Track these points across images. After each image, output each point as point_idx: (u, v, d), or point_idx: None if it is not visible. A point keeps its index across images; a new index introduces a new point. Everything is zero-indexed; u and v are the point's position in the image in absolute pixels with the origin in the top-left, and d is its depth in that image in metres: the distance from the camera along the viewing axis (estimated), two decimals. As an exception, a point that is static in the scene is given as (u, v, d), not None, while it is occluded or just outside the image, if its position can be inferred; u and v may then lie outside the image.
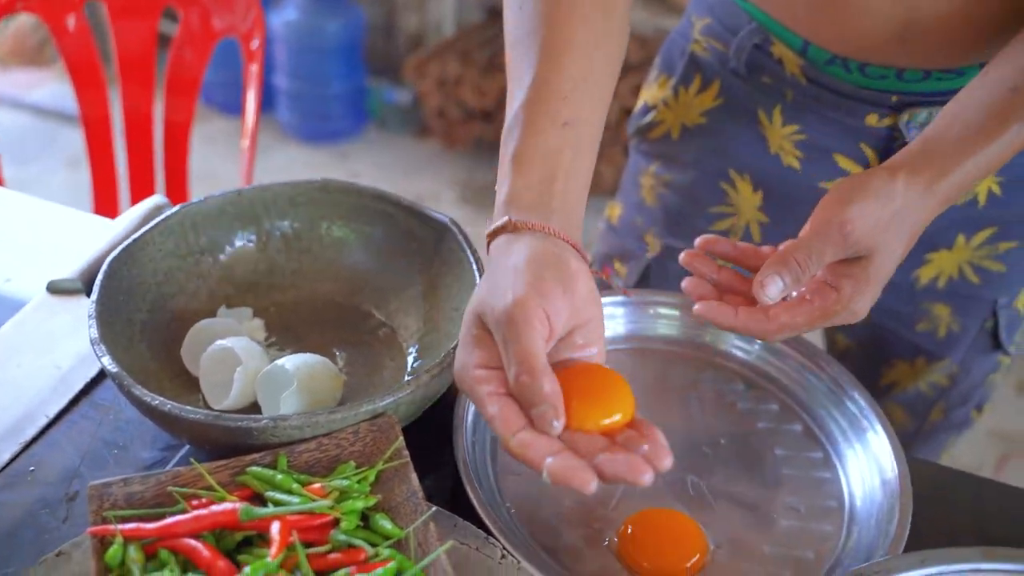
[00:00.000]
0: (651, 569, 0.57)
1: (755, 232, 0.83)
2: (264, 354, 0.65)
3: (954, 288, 0.81)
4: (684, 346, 0.73)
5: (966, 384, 0.88)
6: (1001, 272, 0.80)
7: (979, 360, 0.86)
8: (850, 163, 0.75)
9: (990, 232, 0.78)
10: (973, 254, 0.79)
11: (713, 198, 0.83)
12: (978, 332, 0.84)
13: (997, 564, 0.56)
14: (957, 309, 0.82)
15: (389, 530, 0.50)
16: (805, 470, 0.65)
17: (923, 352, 0.85)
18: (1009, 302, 0.83)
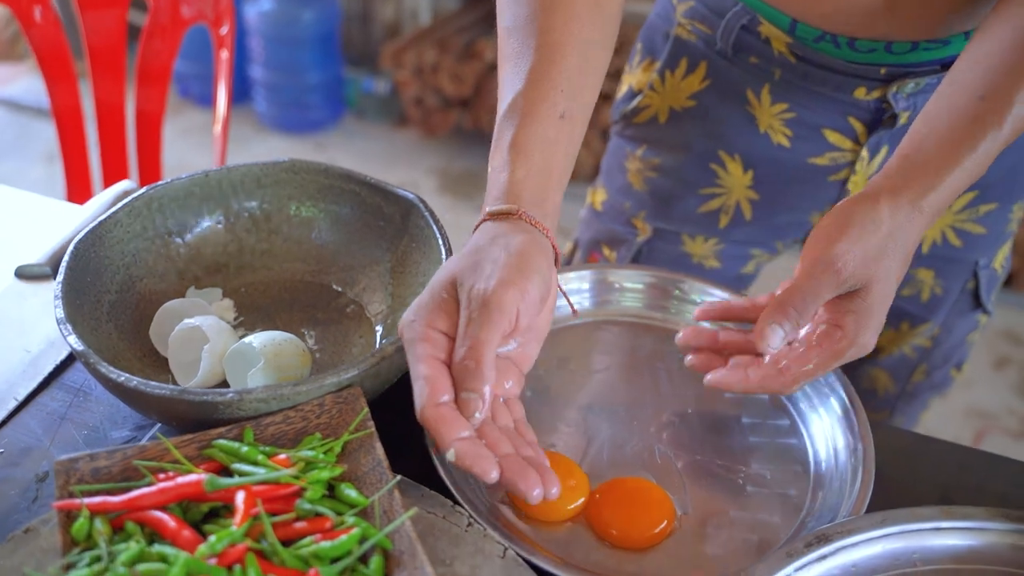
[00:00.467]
0: (619, 536, 0.58)
1: (746, 209, 0.84)
2: (232, 332, 0.65)
3: (937, 252, 0.83)
4: (651, 318, 0.74)
5: (948, 345, 0.90)
6: (982, 234, 0.82)
7: (960, 321, 0.88)
8: (839, 137, 0.76)
9: (971, 196, 0.79)
10: (955, 218, 0.81)
11: (703, 179, 0.83)
12: (960, 293, 0.86)
13: (956, 522, 0.57)
14: (940, 272, 0.84)
15: (354, 499, 0.50)
16: (772, 437, 0.66)
17: (907, 316, 0.87)
18: (988, 262, 0.85)
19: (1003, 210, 0.81)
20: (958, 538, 0.57)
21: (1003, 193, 0.80)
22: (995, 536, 0.57)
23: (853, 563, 0.55)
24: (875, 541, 0.56)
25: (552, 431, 0.65)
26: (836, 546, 0.55)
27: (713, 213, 0.84)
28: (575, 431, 0.65)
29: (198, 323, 0.63)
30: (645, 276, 0.74)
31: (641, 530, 0.59)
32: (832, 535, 0.55)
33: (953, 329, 0.88)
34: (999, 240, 0.84)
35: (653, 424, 0.66)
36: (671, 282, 0.74)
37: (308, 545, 0.47)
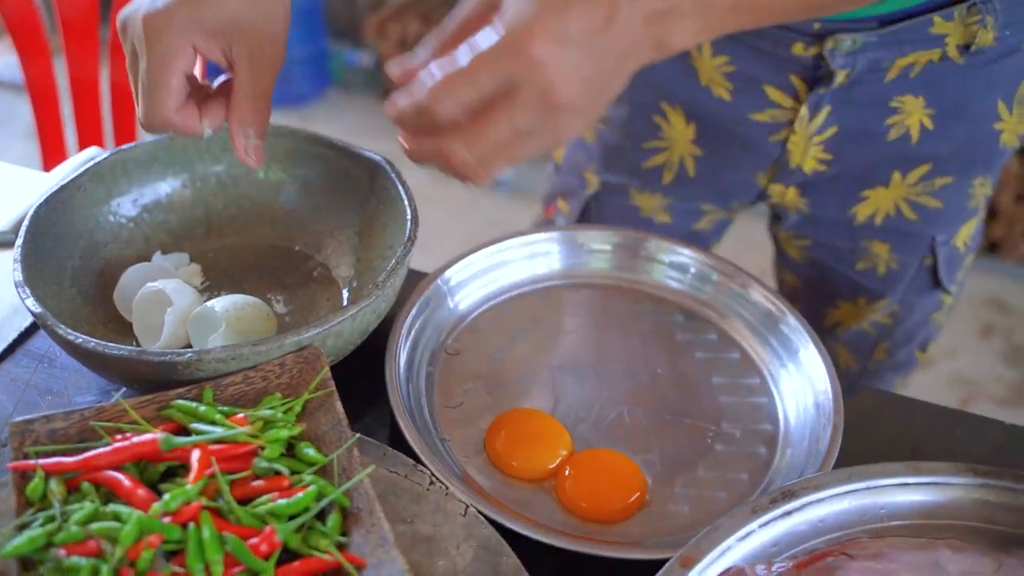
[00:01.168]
0: (589, 509, 0.58)
1: (690, 166, 0.83)
2: (197, 296, 0.64)
3: (891, 225, 0.81)
4: (622, 280, 0.73)
5: (909, 323, 0.88)
6: (938, 208, 0.80)
7: (920, 299, 0.87)
8: (779, 94, 0.75)
9: (926, 168, 0.78)
10: (909, 191, 0.79)
11: (647, 132, 0.83)
12: (917, 270, 0.84)
13: (922, 477, 0.57)
14: (895, 246, 0.83)
15: (313, 457, 0.50)
16: (742, 396, 0.66)
17: (864, 291, 0.86)
18: (947, 239, 0.83)
19: (961, 185, 0.79)
20: (925, 493, 0.57)
21: (958, 167, 0.78)
22: (962, 491, 0.57)
23: (820, 518, 0.55)
24: (841, 497, 0.56)
25: (519, 393, 0.64)
26: (802, 502, 0.55)
27: (657, 169, 0.84)
28: (543, 392, 0.65)
29: (161, 287, 0.62)
30: (613, 237, 0.73)
31: (612, 503, 0.58)
32: (798, 491, 0.55)
33: (914, 307, 0.87)
34: (959, 216, 0.82)
35: (622, 385, 0.65)
36: (638, 242, 0.73)
37: (265, 503, 0.47)
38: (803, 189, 0.81)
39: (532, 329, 0.69)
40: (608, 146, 0.85)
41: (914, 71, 0.72)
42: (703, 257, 0.72)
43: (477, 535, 0.50)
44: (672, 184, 0.84)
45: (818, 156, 0.77)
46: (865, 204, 0.80)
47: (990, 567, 0.53)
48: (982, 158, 0.79)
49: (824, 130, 0.75)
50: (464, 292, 0.69)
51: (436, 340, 0.66)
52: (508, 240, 0.70)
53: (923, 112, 0.74)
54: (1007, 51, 0.72)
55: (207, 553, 0.44)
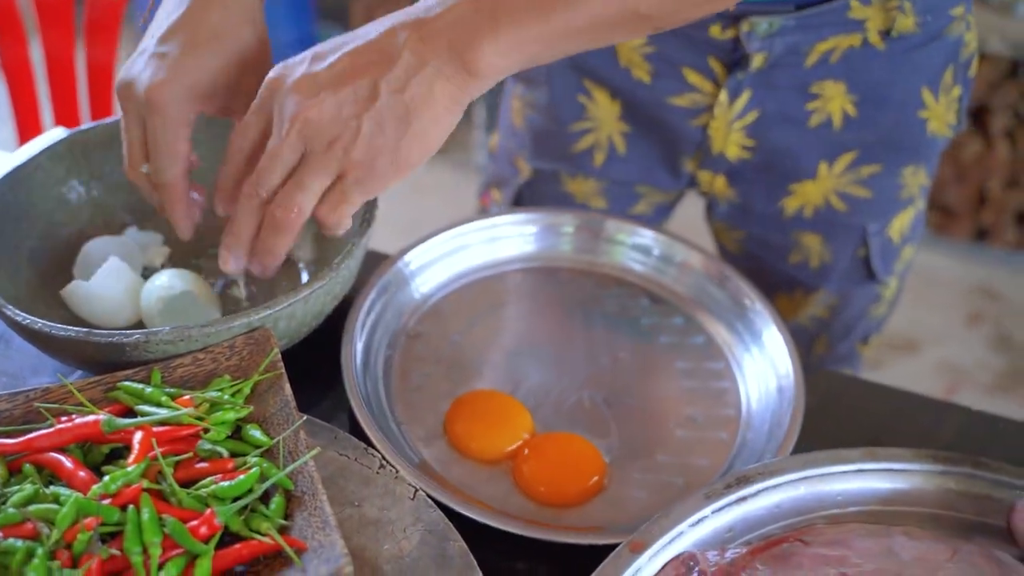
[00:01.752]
0: (547, 493, 0.57)
1: (619, 144, 0.82)
2: (132, 275, 0.63)
3: (821, 216, 0.80)
4: (587, 263, 0.72)
5: (847, 315, 0.87)
6: (867, 198, 0.79)
7: (856, 291, 0.85)
8: (698, 77, 0.74)
9: (851, 156, 0.77)
10: (837, 182, 0.78)
11: (573, 114, 0.81)
12: (851, 261, 0.83)
13: (880, 464, 0.56)
14: (827, 238, 0.82)
15: (258, 439, 0.49)
16: (705, 381, 0.65)
17: (799, 284, 0.85)
18: (880, 229, 0.81)
19: (889, 174, 0.78)
20: (884, 480, 0.56)
21: (885, 154, 0.77)
22: (922, 478, 0.56)
23: (776, 504, 0.55)
24: (798, 483, 0.55)
25: (480, 376, 0.64)
26: (757, 487, 0.54)
27: (587, 152, 0.82)
28: (504, 376, 0.64)
29: (113, 264, 0.62)
30: (576, 219, 0.73)
31: (568, 491, 0.58)
32: (753, 476, 0.54)
33: (851, 300, 0.85)
34: (891, 206, 0.81)
35: (584, 369, 0.65)
36: (601, 223, 0.72)
37: (208, 486, 0.46)
38: (731, 179, 0.80)
39: (494, 313, 0.68)
40: (537, 132, 0.84)
41: (834, 56, 0.71)
42: (667, 239, 0.71)
43: (425, 519, 0.50)
44: (604, 166, 0.83)
45: (740, 142, 0.77)
46: (793, 198, 0.79)
47: (945, 554, 0.52)
48: (909, 146, 0.77)
49: (744, 115, 0.75)
50: (425, 275, 0.68)
51: (396, 323, 0.66)
52: (468, 224, 0.70)
53: (845, 98, 0.73)
54: (929, 37, 0.72)
55: (145, 535, 0.43)
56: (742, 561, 0.52)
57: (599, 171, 0.83)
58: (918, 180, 0.81)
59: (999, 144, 1.84)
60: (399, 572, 0.48)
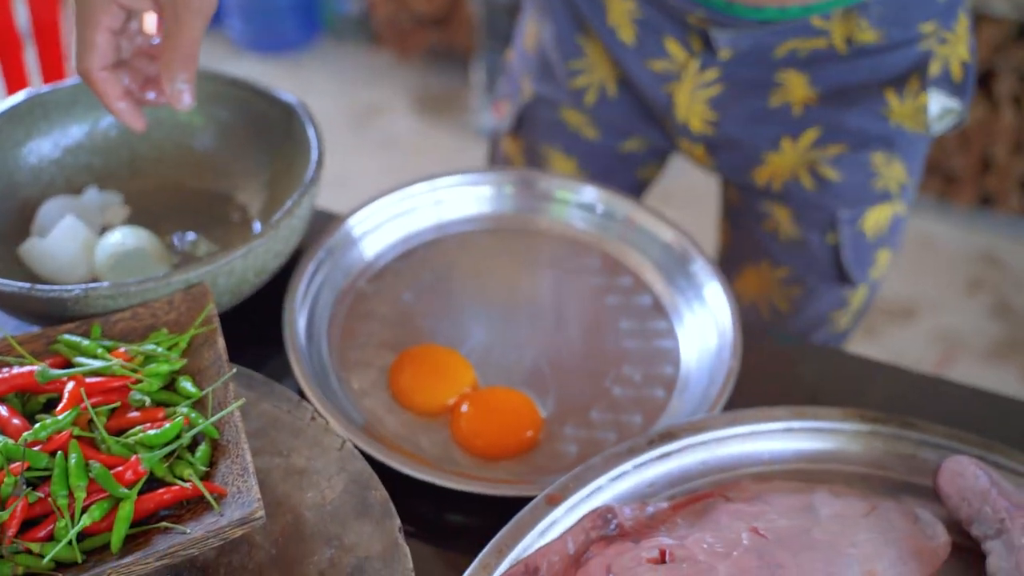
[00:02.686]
0: (482, 446, 0.59)
1: (611, 89, 0.83)
2: (87, 231, 0.65)
3: (790, 190, 0.81)
4: (537, 223, 0.73)
5: (808, 315, 0.85)
6: (837, 181, 0.78)
7: (823, 287, 0.84)
8: (678, 48, 0.75)
9: (814, 134, 0.77)
10: (804, 156, 0.78)
11: (572, 52, 0.83)
12: (820, 248, 0.82)
13: (808, 422, 0.57)
14: (796, 215, 0.81)
15: (189, 391, 0.51)
16: (647, 341, 0.66)
17: (767, 255, 0.85)
18: (852, 219, 0.80)
19: (858, 157, 0.77)
20: (811, 440, 0.57)
21: (849, 137, 0.77)
22: (848, 437, 0.57)
23: (701, 461, 0.56)
24: (724, 441, 0.56)
25: (424, 333, 0.65)
26: (682, 444, 0.55)
27: (581, 90, 0.84)
28: (449, 333, 0.65)
29: (68, 223, 0.64)
30: (525, 178, 0.73)
31: (502, 444, 0.59)
32: (678, 433, 0.55)
33: (814, 295, 0.84)
34: (863, 195, 0.79)
35: (528, 328, 0.66)
36: (550, 183, 0.73)
37: (136, 434, 0.48)
38: (708, 149, 0.82)
39: (443, 273, 0.69)
40: (543, 59, 0.86)
41: (801, 53, 0.73)
42: (618, 199, 0.72)
43: (350, 469, 0.51)
44: (596, 106, 0.84)
45: (702, 115, 0.78)
46: (763, 167, 0.80)
47: (863, 510, 0.53)
48: (876, 134, 0.77)
49: (710, 87, 0.76)
50: (373, 237, 0.69)
51: (344, 283, 0.67)
52: (416, 186, 0.70)
53: (807, 89, 0.75)
54: (892, 46, 0.73)
55: (72, 480, 0.45)
56: (662, 515, 0.53)
57: (591, 109, 0.85)
58: (893, 173, 0.79)
59: (1004, 109, 1.81)
60: (320, 518, 0.49)
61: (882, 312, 1.80)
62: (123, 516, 0.45)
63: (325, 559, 0.48)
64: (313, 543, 0.48)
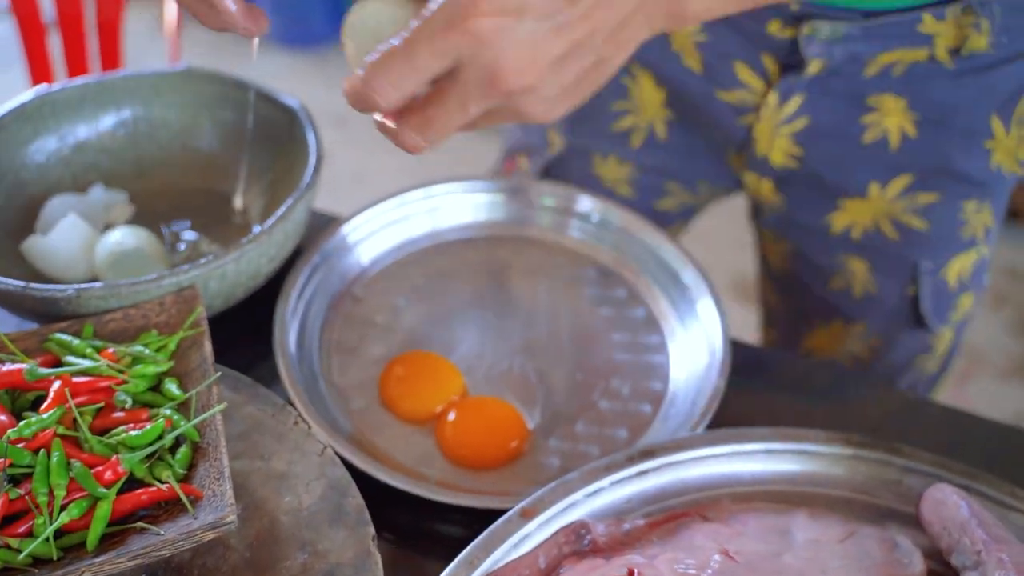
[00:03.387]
0: (466, 455, 0.59)
1: (660, 129, 0.78)
2: (89, 231, 0.66)
3: (870, 241, 0.75)
4: (535, 232, 0.73)
5: (890, 361, 0.80)
6: (922, 230, 0.73)
7: (902, 334, 0.79)
8: (749, 73, 0.70)
9: (907, 180, 0.71)
10: (890, 206, 0.73)
11: (614, 93, 0.78)
12: (899, 299, 0.77)
13: (790, 444, 0.57)
14: (874, 267, 0.76)
15: (173, 393, 0.52)
16: (638, 355, 0.66)
17: (839, 314, 0.79)
18: (935, 270, 0.75)
19: (949, 206, 0.72)
20: (793, 462, 0.57)
21: (944, 183, 0.71)
22: (832, 461, 0.57)
23: (680, 479, 0.56)
24: (704, 460, 0.56)
25: (417, 340, 0.66)
26: (660, 462, 0.55)
27: (625, 133, 0.80)
28: (440, 340, 0.66)
29: (70, 220, 0.65)
30: (515, 188, 0.73)
31: (486, 454, 0.59)
32: (657, 451, 0.55)
33: (894, 343, 0.78)
34: (949, 245, 0.74)
35: (519, 337, 0.66)
36: (552, 194, 0.73)
37: (119, 434, 0.49)
38: (778, 184, 0.76)
39: (437, 280, 0.70)
40: None
41: (897, 69, 0.66)
42: (613, 210, 0.72)
43: (329, 475, 0.52)
44: (642, 150, 0.79)
45: (786, 149, 0.72)
46: (842, 213, 0.74)
47: (839, 535, 0.53)
48: (973, 178, 0.71)
49: (793, 120, 0.70)
50: (369, 243, 0.70)
51: (338, 287, 0.68)
52: (412, 192, 0.71)
53: (904, 115, 0.69)
54: (1004, 59, 0.66)
55: (52, 477, 0.47)
56: (638, 532, 0.53)
57: (635, 154, 0.80)
58: (982, 219, 0.74)
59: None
60: (295, 523, 0.50)
61: (901, 325, 1.77)
62: (100, 515, 0.46)
63: (298, 564, 0.48)
64: (287, 547, 0.49)
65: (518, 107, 0.43)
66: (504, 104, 0.43)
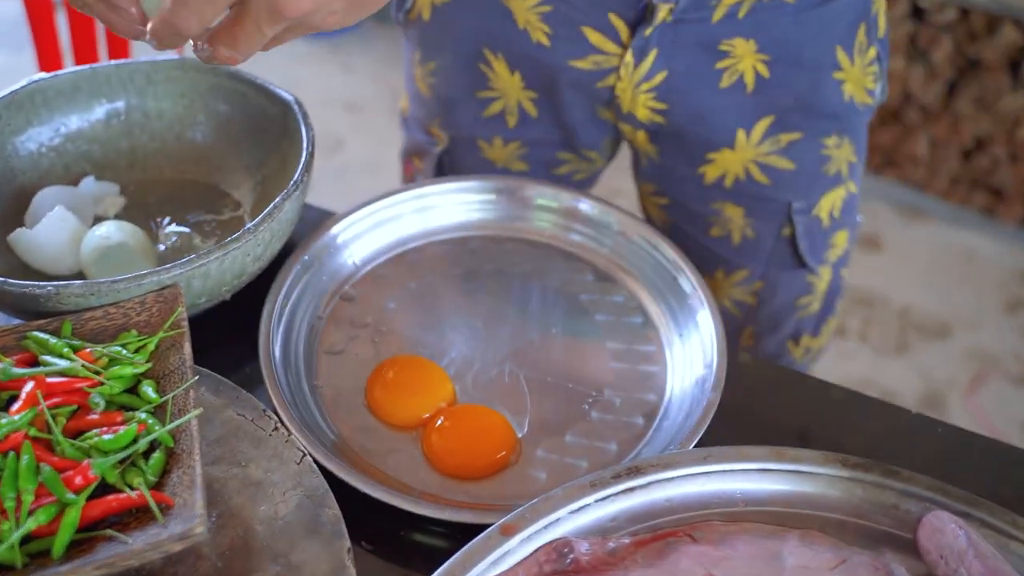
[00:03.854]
0: (453, 465, 0.58)
1: (530, 109, 0.79)
2: (76, 224, 0.65)
3: (742, 188, 0.77)
4: (531, 234, 0.72)
5: (774, 305, 0.83)
6: (790, 170, 0.75)
7: (784, 276, 0.81)
8: (600, 37, 0.70)
9: (768, 121, 0.73)
10: (757, 151, 0.75)
11: (476, 82, 0.78)
12: (776, 241, 0.79)
13: (786, 464, 0.55)
14: (750, 211, 0.78)
15: (150, 396, 0.51)
16: (634, 363, 0.64)
17: (721, 261, 0.82)
18: (807, 208, 0.78)
19: (811, 143, 0.74)
20: (788, 482, 0.55)
21: (803, 120, 0.73)
22: (828, 482, 0.55)
23: (667, 498, 0.54)
24: (695, 478, 0.54)
25: (406, 344, 0.64)
26: (648, 479, 0.53)
27: (498, 116, 0.80)
28: (430, 344, 0.64)
29: (56, 214, 0.64)
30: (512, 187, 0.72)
31: (472, 465, 0.58)
32: (645, 468, 0.54)
33: (777, 286, 0.81)
34: (817, 182, 0.77)
35: (510, 343, 0.65)
36: (548, 193, 0.71)
37: (92, 438, 0.48)
38: (651, 136, 0.77)
39: (429, 282, 0.68)
40: (444, 99, 0.81)
41: (742, 11, 0.68)
42: (613, 212, 0.70)
43: (306, 484, 0.51)
44: (519, 128, 0.80)
45: (650, 105, 0.74)
46: (713, 166, 0.76)
47: (830, 562, 0.51)
48: (829, 112, 0.74)
49: (652, 76, 0.72)
50: (359, 243, 0.68)
51: (327, 288, 0.66)
52: (403, 192, 0.69)
53: (755, 57, 0.70)
54: None
55: (21, 482, 0.46)
56: (623, 551, 0.52)
57: (514, 133, 0.81)
58: (844, 154, 0.77)
59: (1059, 123, 1.73)
60: (270, 533, 0.49)
61: (915, 327, 1.74)
62: (68, 522, 0.45)
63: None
64: (260, 559, 0.48)
65: (311, 25, 0.48)
66: (297, 23, 0.47)
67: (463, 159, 0.84)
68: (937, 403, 1.63)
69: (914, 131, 1.95)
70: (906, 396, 1.64)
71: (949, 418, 1.66)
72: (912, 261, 1.90)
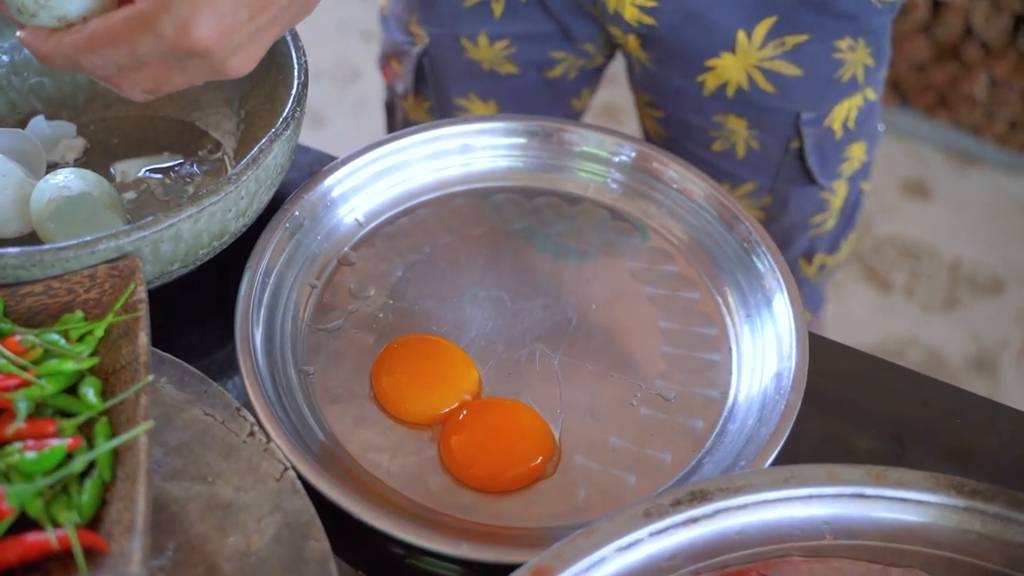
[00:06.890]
0: (477, 479, 0.47)
1: None
2: (21, 176, 0.54)
3: (746, 98, 0.69)
4: (570, 187, 0.60)
5: (784, 221, 0.76)
6: (797, 76, 0.68)
7: (795, 193, 0.75)
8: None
9: (771, 22, 0.65)
10: (759, 55, 0.67)
11: None
12: (784, 154, 0.72)
13: (887, 490, 0.44)
14: (754, 122, 0.71)
15: (88, 401, 0.40)
16: (690, 349, 0.53)
17: (725, 175, 0.74)
18: (817, 119, 0.70)
19: (821, 45, 0.66)
20: (887, 510, 0.44)
21: (811, 18, 0.65)
22: (937, 512, 0.44)
23: (738, 530, 0.43)
24: (772, 505, 0.44)
25: (418, 318, 0.53)
26: (715, 507, 0.43)
27: (483, 4, 0.70)
28: (446, 319, 0.53)
29: None
30: (545, 128, 0.59)
31: (501, 477, 0.47)
32: (712, 492, 0.43)
33: (787, 202, 0.75)
34: (829, 90, 0.69)
35: (542, 318, 0.54)
36: (584, 136, 0.59)
37: (13, 454, 0.38)
38: (643, 42, 0.70)
39: (445, 244, 0.57)
40: None
41: None
42: (677, 165, 0.58)
43: (287, 508, 0.41)
44: (506, 18, 0.71)
45: (638, 3, 0.66)
46: (712, 74, 0.69)
47: (942, 615, 0.41)
48: (841, 10, 0.65)
49: None
50: (363, 195, 0.57)
51: (323, 252, 0.55)
52: (413, 135, 0.57)
53: None
54: None
55: (-82, 514, 0.36)
56: (683, 597, 0.42)
57: (501, 26, 0.72)
58: (859, 57, 0.69)
59: None
60: (240, 573, 0.39)
61: (965, 283, 1.62)
62: (-26, 568, 0.35)
63: (239, 633, 0.37)
64: (227, 609, 0.38)
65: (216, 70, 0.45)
66: (199, 63, 0.44)
67: (445, 61, 0.75)
68: (987, 365, 1.52)
69: (973, 69, 1.80)
70: (953, 357, 1.53)
71: (1000, 382, 1.55)
72: (964, 211, 1.77)
